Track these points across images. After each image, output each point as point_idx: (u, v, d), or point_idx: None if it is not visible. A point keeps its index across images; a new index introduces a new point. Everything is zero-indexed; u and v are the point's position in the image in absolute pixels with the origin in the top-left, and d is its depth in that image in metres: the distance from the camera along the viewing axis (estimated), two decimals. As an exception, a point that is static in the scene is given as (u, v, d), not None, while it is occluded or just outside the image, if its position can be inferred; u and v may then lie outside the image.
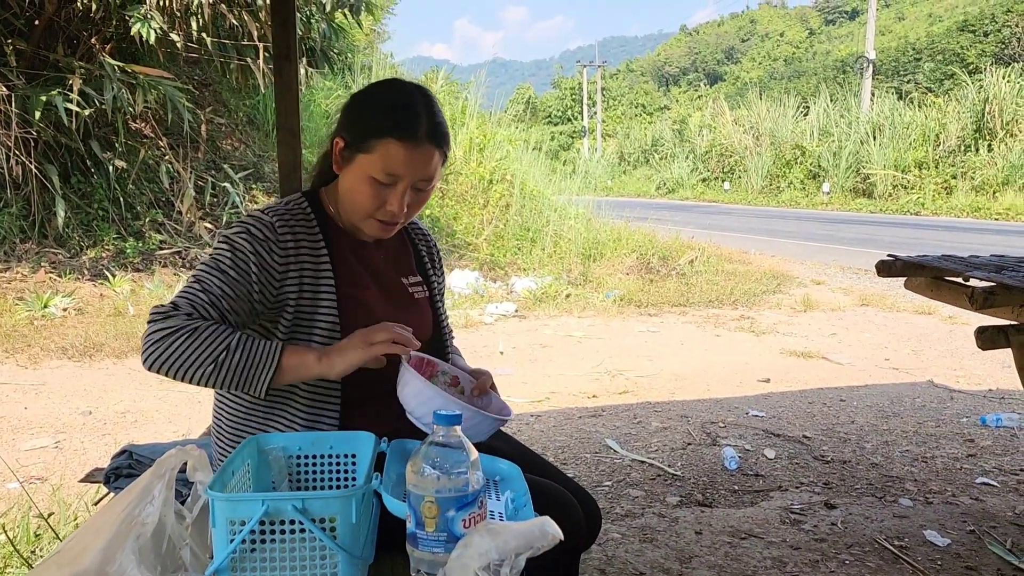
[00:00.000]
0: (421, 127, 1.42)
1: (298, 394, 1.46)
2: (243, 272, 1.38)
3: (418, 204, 1.50)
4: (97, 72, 7.44)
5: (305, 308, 1.45)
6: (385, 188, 1.44)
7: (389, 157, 1.41)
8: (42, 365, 5.03)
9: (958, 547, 2.70)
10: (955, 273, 2.64)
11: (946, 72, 30.38)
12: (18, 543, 2.38)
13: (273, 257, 1.41)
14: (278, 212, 1.47)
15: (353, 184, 1.46)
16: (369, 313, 1.50)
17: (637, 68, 76.90)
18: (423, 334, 1.62)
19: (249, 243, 1.40)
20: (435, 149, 1.45)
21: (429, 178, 1.46)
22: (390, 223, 1.48)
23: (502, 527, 0.94)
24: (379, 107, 1.47)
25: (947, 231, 13.84)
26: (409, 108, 1.44)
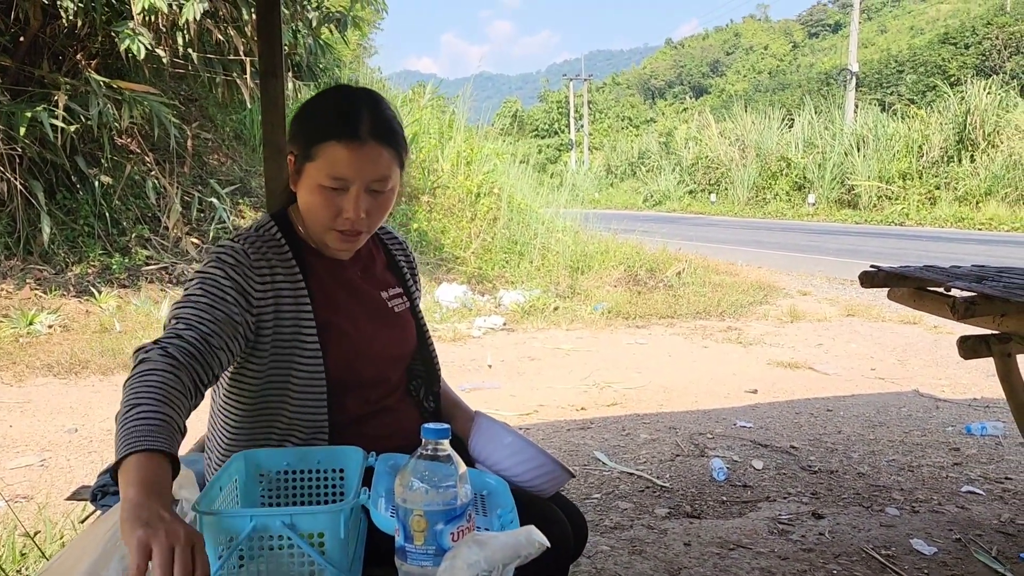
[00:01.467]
0: (362, 125, 1.37)
1: (284, 421, 1.45)
2: (218, 297, 1.32)
3: (378, 210, 1.43)
4: (82, 88, 7.42)
5: (284, 337, 1.41)
6: (337, 195, 1.38)
7: (333, 160, 1.36)
8: (27, 382, 4.99)
9: (944, 555, 2.72)
10: (937, 283, 2.67)
11: (928, 84, 30.76)
12: (4, 562, 2.36)
13: (249, 282, 1.37)
14: (248, 239, 1.42)
15: (307, 197, 1.41)
16: (350, 340, 1.47)
17: (623, 81, 77.36)
18: (407, 348, 1.62)
19: (221, 270, 1.36)
20: (382, 147, 1.38)
21: (381, 178, 1.39)
22: (351, 232, 1.42)
23: (489, 537, 0.95)
24: (320, 113, 1.42)
25: (931, 241, 13.97)
26: (349, 108, 1.39)
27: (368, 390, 1.53)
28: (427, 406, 1.65)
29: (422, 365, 1.67)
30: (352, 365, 1.47)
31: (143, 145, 8.67)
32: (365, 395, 1.52)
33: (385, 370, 1.56)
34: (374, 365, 1.52)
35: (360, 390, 1.51)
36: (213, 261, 1.38)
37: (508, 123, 39.77)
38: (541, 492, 1.47)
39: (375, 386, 1.54)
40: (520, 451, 1.44)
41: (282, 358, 1.42)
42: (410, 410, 1.62)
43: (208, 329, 1.27)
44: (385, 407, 1.56)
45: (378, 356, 1.53)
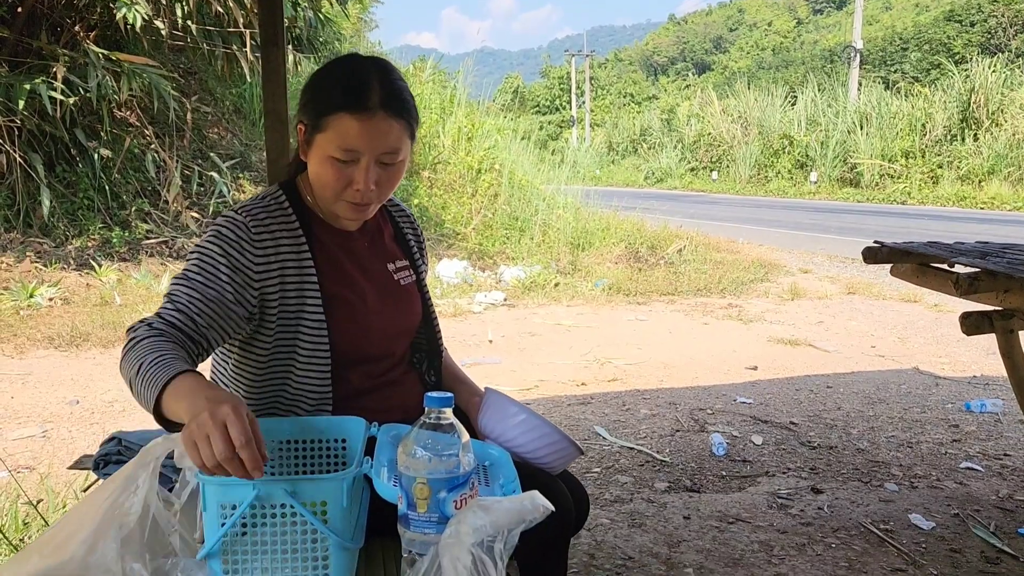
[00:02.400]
0: (373, 97, 1.34)
1: (289, 393, 1.45)
2: (211, 276, 1.32)
3: (388, 181, 1.42)
4: (81, 60, 7.36)
5: (289, 309, 1.40)
6: (347, 166, 1.36)
7: (343, 132, 1.34)
8: (28, 355, 4.99)
9: (942, 530, 2.73)
10: (940, 259, 2.66)
11: (933, 62, 30.55)
12: (7, 531, 2.38)
13: (247, 257, 1.36)
14: (252, 211, 1.40)
15: (317, 168, 1.39)
16: (356, 309, 1.47)
17: (625, 57, 76.83)
18: (412, 322, 1.61)
19: (218, 246, 1.35)
20: (393, 119, 1.36)
21: (392, 151, 1.38)
22: (361, 204, 1.41)
23: (493, 503, 0.95)
24: (330, 83, 1.40)
25: (933, 220, 13.94)
26: (359, 79, 1.37)
27: (373, 364, 1.52)
28: (429, 380, 1.64)
29: (425, 339, 1.66)
30: (358, 339, 1.46)
31: (142, 118, 8.61)
32: (370, 369, 1.51)
33: (390, 345, 1.55)
34: (380, 340, 1.51)
35: (365, 364, 1.50)
36: (212, 235, 1.37)
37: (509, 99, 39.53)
38: (551, 468, 1.47)
39: (380, 360, 1.53)
40: (532, 427, 1.44)
41: (288, 330, 1.41)
42: (412, 383, 1.61)
43: (196, 310, 1.29)
44: (388, 380, 1.55)
45: (384, 331, 1.52)
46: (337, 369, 1.44)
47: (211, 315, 1.30)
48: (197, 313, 1.29)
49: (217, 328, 1.31)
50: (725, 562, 2.49)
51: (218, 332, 1.32)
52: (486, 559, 0.88)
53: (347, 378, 1.46)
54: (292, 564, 1.11)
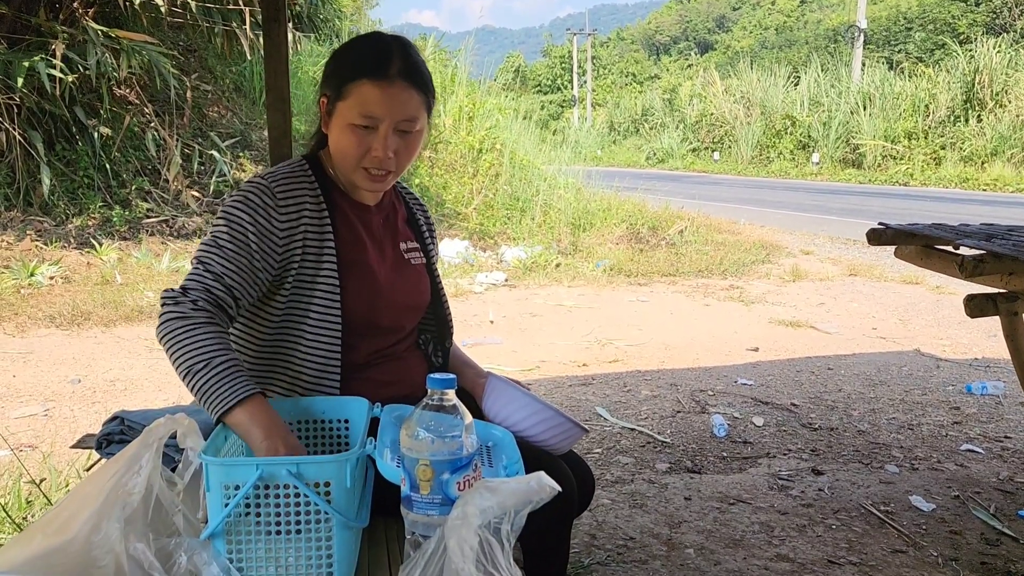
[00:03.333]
0: (393, 66, 1.40)
1: (297, 358, 1.45)
2: (241, 244, 1.36)
3: (406, 150, 1.46)
4: (80, 37, 7.30)
5: (307, 273, 1.44)
6: (367, 133, 1.41)
7: (363, 99, 1.39)
8: (29, 333, 4.99)
9: (943, 512, 2.74)
10: (945, 241, 2.64)
11: (937, 42, 30.34)
12: (9, 509, 2.38)
13: (272, 223, 1.39)
14: (277, 176, 1.44)
15: (338, 136, 1.44)
16: (369, 278, 1.49)
17: (628, 36, 76.26)
18: (422, 300, 1.63)
19: (246, 212, 1.38)
20: (412, 88, 1.42)
21: (410, 119, 1.43)
22: (380, 172, 1.45)
23: (500, 484, 0.95)
24: (353, 54, 1.46)
25: (935, 201, 13.89)
26: (380, 50, 1.42)
27: (381, 337, 1.54)
28: (435, 361, 1.65)
29: (434, 321, 1.68)
30: (369, 308, 1.48)
31: (142, 96, 8.55)
32: (378, 341, 1.53)
33: (399, 318, 1.57)
34: (391, 311, 1.53)
35: (375, 336, 1.52)
36: (240, 201, 1.40)
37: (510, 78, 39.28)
38: (556, 449, 1.48)
39: (388, 333, 1.55)
40: (535, 410, 1.46)
41: (303, 293, 1.44)
42: (417, 361, 1.62)
43: (231, 281, 1.35)
44: (393, 354, 1.56)
45: (393, 303, 1.53)
46: (347, 337, 1.45)
47: (243, 283, 1.36)
48: (233, 284, 1.35)
49: (247, 294, 1.38)
50: (726, 543, 2.50)
51: (248, 297, 1.38)
52: (493, 541, 0.88)
53: (356, 347, 1.48)
54: (296, 544, 1.11)
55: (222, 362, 1.24)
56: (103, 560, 1.02)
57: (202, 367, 1.24)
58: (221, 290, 1.33)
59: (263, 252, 1.38)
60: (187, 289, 1.32)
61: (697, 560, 2.39)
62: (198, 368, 1.24)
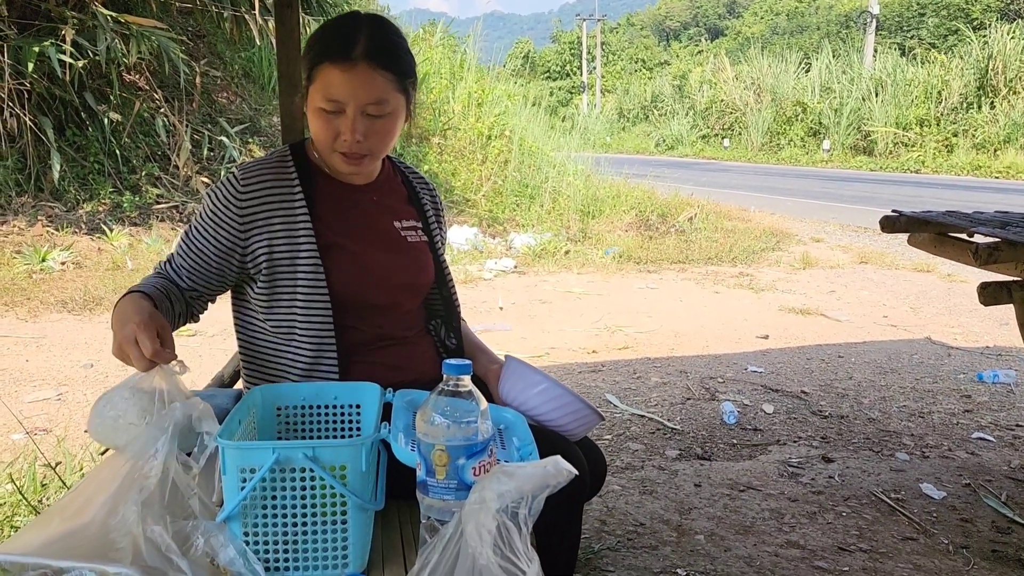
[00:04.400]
0: (356, 48, 1.38)
1: (295, 341, 1.46)
2: (199, 234, 1.46)
3: (379, 134, 1.44)
4: (90, 22, 7.29)
5: (283, 258, 1.45)
6: (335, 117, 1.41)
7: (327, 82, 1.39)
8: (42, 318, 5.02)
9: (954, 500, 2.74)
10: (959, 229, 2.63)
11: (950, 28, 30.02)
12: (25, 492, 2.41)
13: (230, 212, 1.44)
14: (247, 165, 1.48)
15: (311, 121, 1.45)
16: (355, 259, 1.49)
17: (637, 22, 75.74)
18: (422, 279, 1.62)
19: (206, 205, 1.46)
20: (376, 70, 1.39)
21: (376, 101, 1.40)
22: (352, 155, 1.45)
23: (516, 468, 0.95)
24: (322, 37, 1.45)
25: (947, 189, 13.79)
26: (347, 32, 1.40)
27: (379, 315, 1.53)
28: (449, 344, 1.65)
29: (442, 304, 1.67)
30: (357, 286, 1.49)
31: (151, 82, 8.55)
32: (376, 320, 1.53)
33: (396, 296, 1.56)
34: (383, 289, 1.53)
35: (370, 314, 1.52)
36: (206, 196, 1.48)
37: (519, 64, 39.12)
38: (572, 435, 1.48)
39: (386, 312, 1.55)
40: (553, 395, 1.45)
41: (285, 277, 1.46)
42: (427, 347, 1.62)
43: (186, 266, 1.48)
44: (401, 338, 1.56)
45: (386, 280, 1.53)
46: (339, 315, 1.46)
47: (196, 270, 1.48)
48: (188, 270, 1.48)
49: (202, 281, 1.49)
50: (736, 529, 2.51)
51: (204, 283, 1.49)
52: (511, 525, 0.88)
53: (355, 327, 1.49)
54: (312, 527, 1.12)
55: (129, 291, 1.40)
56: (121, 543, 1.03)
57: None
58: (172, 270, 1.50)
59: (219, 242, 1.45)
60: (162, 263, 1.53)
61: (707, 546, 2.39)
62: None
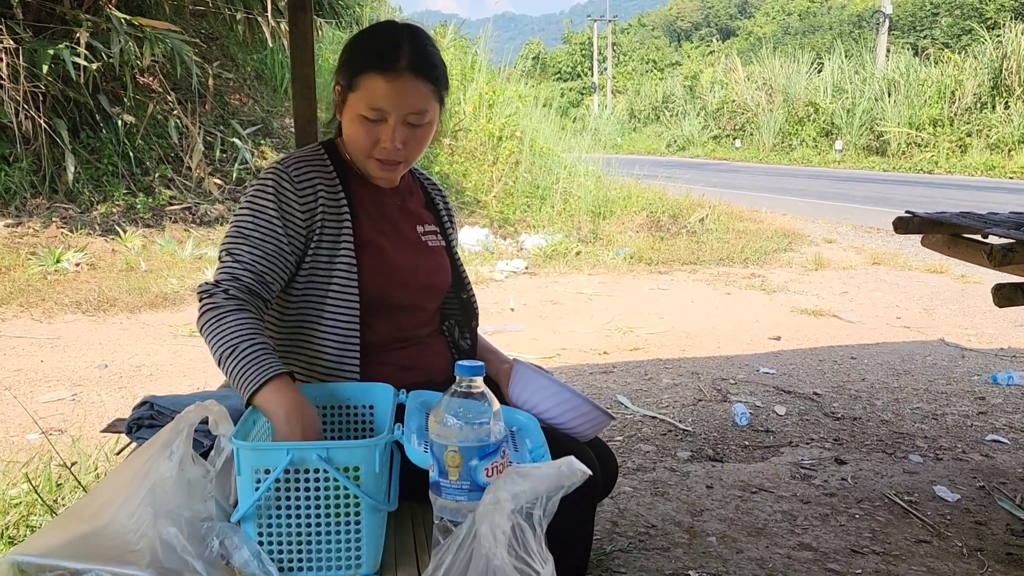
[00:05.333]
0: (401, 59, 1.41)
1: (317, 339, 1.46)
2: (268, 230, 1.40)
3: (416, 142, 1.48)
4: (104, 25, 7.35)
5: (324, 253, 1.46)
6: (375, 125, 1.43)
7: (371, 91, 1.41)
8: (56, 319, 5.06)
9: (968, 502, 2.72)
10: (973, 230, 2.62)
11: (964, 27, 29.81)
12: (41, 492, 2.43)
13: (293, 206, 1.43)
14: (291, 160, 1.48)
15: (349, 126, 1.47)
16: (385, 257, 1.51)
17: (649, 23, 75.61)
18: (442, 282, 1.64)
19: (269, 199, 1.42)
20: (419, 81, 1.42)
21: (418, 111, 1.44)
22: (388, 162, 1.48)
23: (531, 469, 0.95)
24: (363, 45, 1.48)
25: (960, 190, 13.70)
26: (389, 43, 1.43)
27: (401, 316, 1.55)
28: (463, 344, 1.66)
29: (458, 306, 1.69)
30: (386, 286, 1.50)
31: (165, 84, 8.61)
32: (397, 321, 1.54)
33: (419, 298, 1.58)
34: (407, 290, 1.54)
35: (393, 314, 1.53)
36: (260, 188, 1.44)
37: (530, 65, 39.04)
38: (582, 436, 1.49)
39: (408, 313, 1.56)
40: (563, 399, 1.46)
41: (321, 272, 1.46)
42: (440, 347, 1.63)
43: (262, 267, 1.39)
44: (415, 338, 1.57)
45: (411, 281, 1.55)
46: (365, 315, 1.47)
47: (274, 269, 1.40)
48: (264, 271, 1.38)
49: (279, 279, 1.42)
50: (748, 531, 2.50)
51: (278, 284, 1.42)
52: (525, 526, 0.88)
53: (374, 327, 1.50)
54: (325, 527, 1.12)
55: (249, 346, 1.27)
56: (137, 544, 1.04)
57: (231, 353, 1.27)
58: (251, 277, 1.37)
59: (288, 235, 1.41)
60: (219, 281, 1.37)
61: (719, 548, 2.39)
62: (227, 354, 1.28)
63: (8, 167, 7.23)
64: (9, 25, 6.97)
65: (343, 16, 9.40)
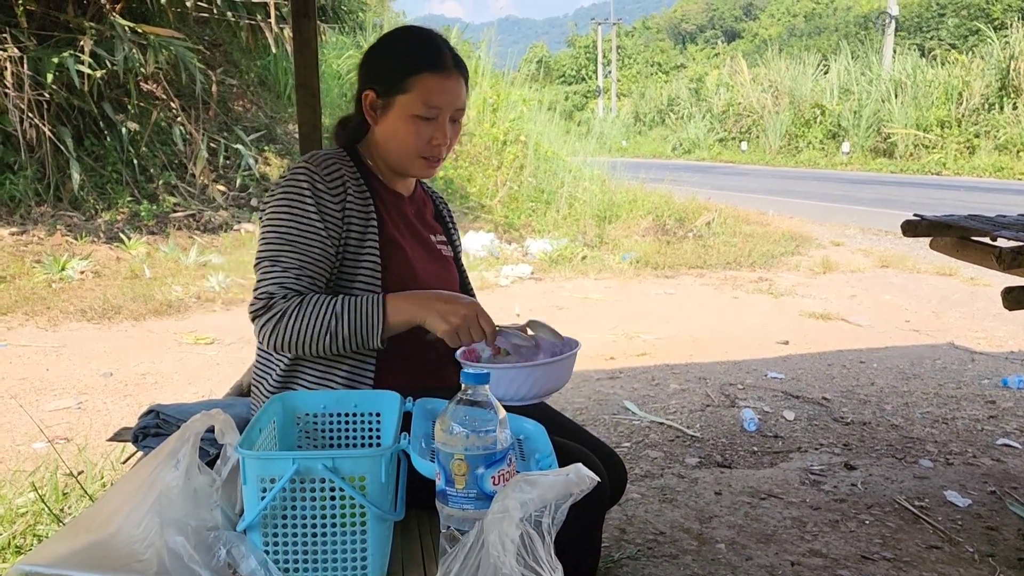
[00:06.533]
0: (447, 57, 1.50)
1: None
2: (311, 233, 1.41)
3: (455, 137, 1.55)
4: (108, 33, 7.39)
5: (351, 250, 1.47)
6: (428, 123, 1.48)
7: (427, 90, 1.47)
8: (61, 327, 5.07)
9: (979, 507, 2.69)
10: (982, 233, 2.60)
11: (971, 28, 29.70)
12: (47, 501, 2.42)
13: (329, 203, 1.44)
14: (318, 158, 1.49)
15: (396, 128, 1.50)
16: (408, 261, 1.52)
17: (653, 25, 75.61)
18: (451, 288, 1.64)
19: (307, 198, 1.42)
20: (462, 79, 1.52)
21: (462, 107, 1.53)
22: (434, 159, 1.53)
23: (539, 477, 0.94)
24: (405, 49, 1.52)
25: (969, 191, 13.64)
26: (433, 43, 1.51)
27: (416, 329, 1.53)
28: None
29: None
30: (409, 287, 1.50)
31: (168, 91, 8.64)
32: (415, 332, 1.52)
33: None
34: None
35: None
36: (294, 188, 1.43)
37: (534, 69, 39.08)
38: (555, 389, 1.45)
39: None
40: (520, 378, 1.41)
41: (348, 268, 1.47)
42: (446, 356, 1.62)
43: (311, 273, 1.41)
44: (424, 345, 1.56)
45: (428, 283, 1.55)
46: None
47: (322, 272, 1.43)
48: (313, 275, 1.41)
49: (327, 280, 1.45)
50: (757, 538, 2.48)
51: (325, 278, 1.44)
52: (533, 534, 0.87)
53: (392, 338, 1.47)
54: (331, 536, 1.11)
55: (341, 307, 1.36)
56: (144, 554, 1.03)
57: (334, 325, 1.36)
58: (305, 282, 1.40)
59: (330, 234, 1.43)
60: (271, 294, 1.38)
61: (728, 555, 2.37)
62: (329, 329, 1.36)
63: (13, 175, 7.25)
64: (13, 33, 7.00)
65: (346, 21, 9.43)
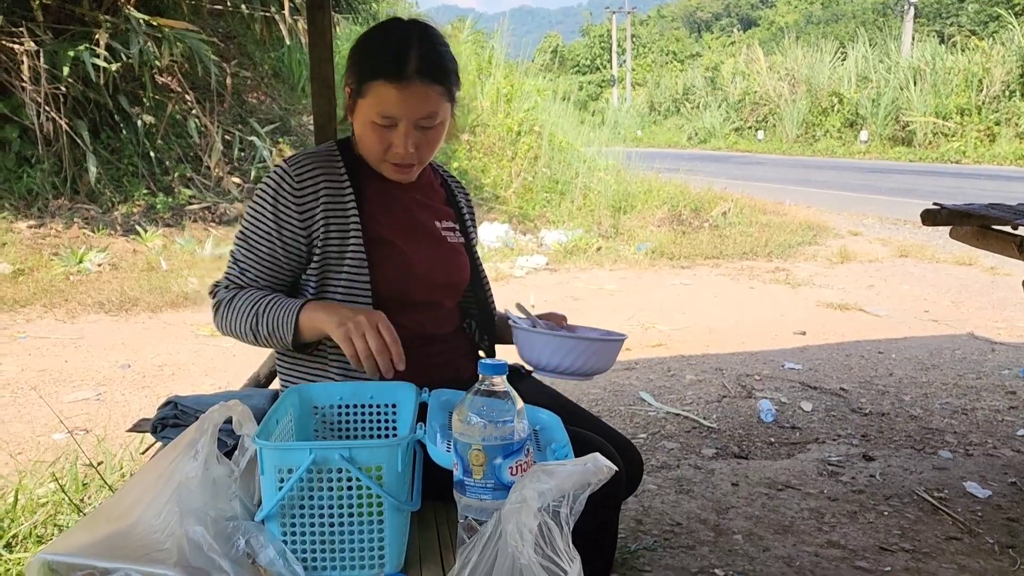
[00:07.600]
0: (409, 66, 1.39)
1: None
2: (263, 233, 1.44)
3: (428, 143, 1.47)
4: (123, 26, 7.41)
5: (332, 250, 1.46)
6: (387, 131, 1.43)
7: (381, 99, 1.40)
8: (80, 319, 5.11)
9: (999, 498, 2.67)
10: (1003, 221, 2.57)
11: (991, 14, 29.30)
12: (68, 491, 2.44)
13: (290, 209, 1.44)
14: (296, 158, 1.48)
15: (360, 131, 1.47)
16: (400, 256, 1.50)
17: (668, 14, 75.12)
18: (460, 279, 1.63)
19: (267, 204, 1.44)
20: (429, 85, 1.40)
21: (429, 115, 1.43)
22: (403, 165, 1.48)
23: (556, 467, 0.93)
24: (367, 52, 1.45)
25: (989, 180, 13.48)
26: (398, 48, 1.40)
27: (419, 313, 1.53)
28: (482, 344, 1.65)
29: (476, 306, 1.67)
30: (400, 282, 1.49)
31: (183, 84, 8.67)
32: (416, 318, 1.53)
33: (435, 293, 1.57)
34: (425, 286, 1.53)
35: (411, 311, 1.51)
36: (261, 191, 1.46)
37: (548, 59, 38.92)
38: (599, 370, 1.48)
39: (427, 309, 1.55)
40: (565, 348, 1.44)
41: (333, 269, 1.46)
42: (462, 344, 1.63)
43: (257, 272, 1.46)
44: (438, 337, 1.55)
45: (429, 278, 1.54)
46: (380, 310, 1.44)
47: (272, 274, 1.46)
48: (260, 275, 1.46)
49: (278, 280, 1.47)
50: (775, 529, 2.47)
51: (281, 281, 1.48)
52: (552, 524, 0.87)
53: (395, 324, 1.46)
54: (349, 526, 1.12)
55: (264, 306, 1.39)
56: (164, 543, 1.04)
57: (254, 323, 1.40)
58: (248, 277, 1.46)
59: (284, 237, 1.44)
60: (216, 284, 1.49)
61: (745, 546, 2.36)
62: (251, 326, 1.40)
63: (30, 169, 7.31)
64: (30, 28, 7.05)
65: (360, 12, 9.42)
